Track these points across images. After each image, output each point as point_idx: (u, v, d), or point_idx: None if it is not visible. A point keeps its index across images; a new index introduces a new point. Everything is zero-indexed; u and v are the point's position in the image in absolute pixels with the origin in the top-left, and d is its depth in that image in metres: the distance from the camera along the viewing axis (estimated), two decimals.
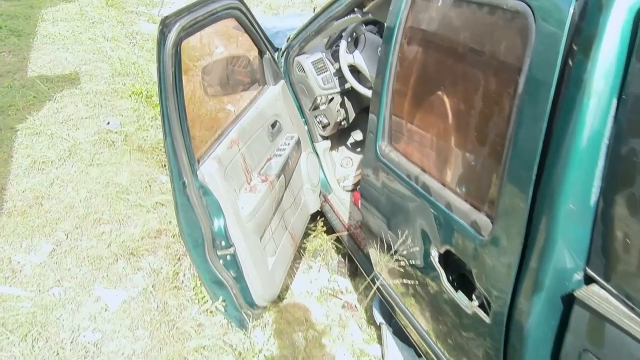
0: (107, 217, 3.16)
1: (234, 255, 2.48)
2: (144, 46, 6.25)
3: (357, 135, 3.73)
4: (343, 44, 3.06)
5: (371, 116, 2.15)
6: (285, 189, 2.98)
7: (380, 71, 2.06)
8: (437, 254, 1.73)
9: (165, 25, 2.00)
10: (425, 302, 1.98)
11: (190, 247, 2.43)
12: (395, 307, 2.38)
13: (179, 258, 3.02)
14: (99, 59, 5.55)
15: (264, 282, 2.63)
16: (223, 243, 2.43)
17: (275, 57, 3.20)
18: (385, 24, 2.02)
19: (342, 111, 3.39)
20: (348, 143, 3.91)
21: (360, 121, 3.74)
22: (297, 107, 3.42)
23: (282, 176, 2.90)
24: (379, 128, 2.08)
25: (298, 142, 3.18)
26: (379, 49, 3.08)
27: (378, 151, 2.09)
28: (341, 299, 3.45)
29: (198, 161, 2.36)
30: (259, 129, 2.88)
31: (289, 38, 3.38)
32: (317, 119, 3.44)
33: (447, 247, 1.66)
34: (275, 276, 2.77)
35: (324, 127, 3.47)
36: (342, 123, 3.45)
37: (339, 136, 3.84)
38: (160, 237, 3.11)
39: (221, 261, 2.50)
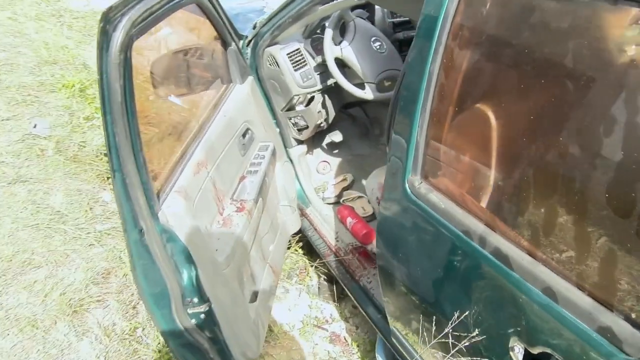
0: (40, 257, 2.50)
1: (209, 313, 1.93)
2: (72, 25, 5.41)
3: (335, 137, 3.21)
4: (328, 34, 2.51)
5: (396, 138, 1.63)
6: (262, 211, 2.44)
7: (411, 82, 1.54)
8: (521, 351, 1.24)
9: (108, 20, 1.40)
10: None
11: (152, 309, 1.86)
12: None
13: (135, 306, 2.43)
14: (20, 43, 4.72)
15: (247, 339, 2.10)
16: (195, 299, 1.88)
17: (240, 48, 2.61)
18: (421, 17, 1.49)
19: (323, 112, 2.85)
20: (324, 144, 3.38)
21: (339, 120, 3.21)
22: (267, 107, 2.85)
23: (260, 199, 2.35)
24: (409, 158, 1.57)
25: (273, 152, 2.63)
26: (372, 38, 2.54)
27: (408, 188, 1.59)
28: (327, 330, 2.96)
29: (158, 196, 1.79)
30: (229, 142, 2.31)
31: (255, 25, 2.79)
32: (292, 120, 2.89)
33: (545, 349, 1.18)
34: (259, 327, 2.25)
35: (300, 130, 2.92)
36: (322, 124, 2.92)
37: (313, 137, 3.30)
38: (109, 279, 2.50)
39: (193, 321, 1.94)
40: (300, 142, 3.06)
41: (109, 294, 2.41)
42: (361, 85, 2.59)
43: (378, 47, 2.56)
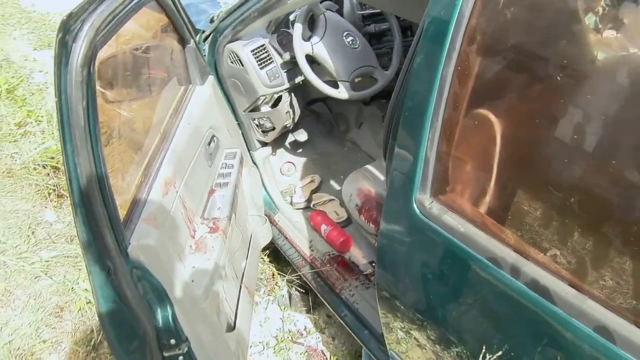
0: None
1: (188, 354, 1.70)
2: None
3: (300, 136, 3.00)
4: (297, 29, 2.28)
5: (399, 152, 1.45)
6: (234, 226, 2.22)
7: (418, 90, 1.35)
8: None
9: (67, 30, 1.13)
10: None
11: (121, 355, 1.62)
12: None
13: (95, 345, 2.14)
14: None
15: None
16: (172, 341, 1.65)
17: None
18: (427, 18, 1.30)
19: (291, 112, 2.64)
20: (287, 144, 3.17)
21: (302, 117, 3.00)
22: (229, 108, 2.61)
23: (232, 214, 2.13)
24: (416, 175, 1.39)
25: (241, 160, 2.40)
26: (344, 33, 2.35)
27: (416, 208, 1.41)
28: (303, 344, 2.78)
29: (125, 226, 1.54)
30: (196, 153, 2.06)
31: (213, 18, 2.53)
32: (256, 121, 2.66)
33: None
34: (240, 357, 2.03)
35: (265, 132, 2.70)
36: (288, 125, 2.71)
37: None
38: (62, 316, 2.20)
39: None
40: (264, 144, 2.84)
41: (64, 335, 2.12)
42: (333, 84, 2.40)
43: (351, 42, 2.37)
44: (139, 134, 1.92)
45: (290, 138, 3.10)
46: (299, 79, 2.52)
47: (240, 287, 2.23)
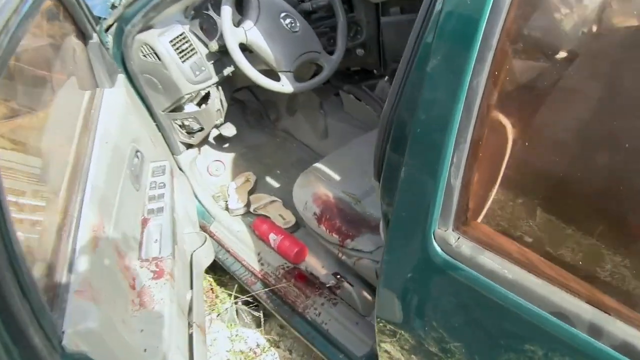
0: None
1: None
2: None
3: (226, 130, 2.62)
4: (226, 12, 1.88)
5: (409, 177, 1.16)
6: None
7: (435, 101, 1.07)
8: None
9: None
10: None
11: None
12: None
13: None
14: None
15: None
16: None
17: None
18: (442, 12, 1.01)
19: (222, 109, 2.26)
20: (212, 140, 2.78)
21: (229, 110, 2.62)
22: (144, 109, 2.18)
23: (175, 246, 1.76)
24: (436, 206, 1.12)
25: (172, 174, 2.01)
26: (281, 14, 1.99)
27: (436, 245, 1.15)
28: None
29: (52, 306, 1.15)
30: (121, 180, 1.65)
31: (114, 4, 2.06)
32: (179, 122, 2.25)
33: None
34: None
35: (191, 133, 2.30)
36: (218, 123, 2.33)
37: None
38: None
39: None
40: (189, 145, 2.44)
41: None
42: (268, 73, 2.04)
43: (289, 24, 2.01)
44: (41, 169, 1.48)
45: (215, 133, 2.71)
46: (228, 70, 2.14)
47: (191, 327, 1.88)
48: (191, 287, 1.96)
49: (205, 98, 2.20)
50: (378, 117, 2.50)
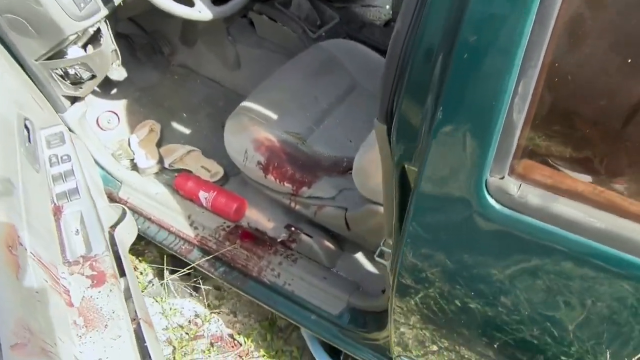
0: None
1: None
2: None
3: (116, 74, 2.13)
4: None
5: (446, 114, 0.90)
6: None
7: (493, 13, 0.80)
8: None
9: None
10: None
11: None
12: None
13: None
14: None
15: None
16: None
17: None
18: None
19: (117, 49, 1.79)
20: (95, 86, 2.27)
21: None
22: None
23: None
24: (488, 146, 0.88)
25: (72, 140, 1.56)
26: None
27: (489, 197, 0.92)
28: (204, 336, 2.21)
29: None
30: (18, 164, 1.21)
31: None
32: (59, 71, 1.76)
33: None
34: None
35: (78, 83, 1.82)
36: (114, 67, 1.87)
37: None
38: None
39: None
40: (74, 99, 1.95)
41: None
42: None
43: None
44: None
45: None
46: None
47: (135, 322, 1.53)
48: (122, 274, 1.59)
49: (93, 38, 1.71)
50: (299, 39, 2.17)
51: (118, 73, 2.15)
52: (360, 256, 1.85)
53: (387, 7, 2.50)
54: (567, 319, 0.96)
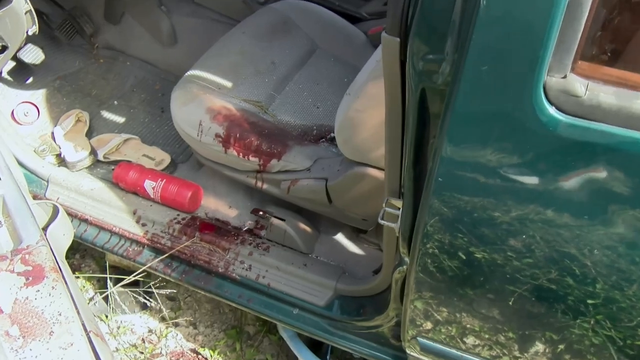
0: None
1: None
2: None
3: (30, 56, 1.81)
4: None
5: (487, 15, 0.70)
6: None
7: None
8: None
9: None
10: None
11: None
12: None
13: None
14: None
15: None
16: None
17: None
18: None
19: (32, 11, 1.48)
20: (5, 74, 1.93)
21: None
22: None
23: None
24: (550, 37, 0.68)
25: None
26: None
27: (546, 103, 0.73)
28: (162, 354, 1.90)
29: None
30: None
31: None
32: None
33: None
34: None
35: None
36: (30, 34, 1.56)
37: None
38: None
39: None
40: None
41: None
42: None
43: None
44: None
45: (10, 64, 1.88)
46: None
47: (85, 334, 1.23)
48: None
49: None
50: (243, 3, 1.94)
51: (34, 55, 1.83)
52: (340, 237, 1.63)
53: None
54: None
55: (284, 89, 1.62)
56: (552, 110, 0.73)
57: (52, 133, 1.86)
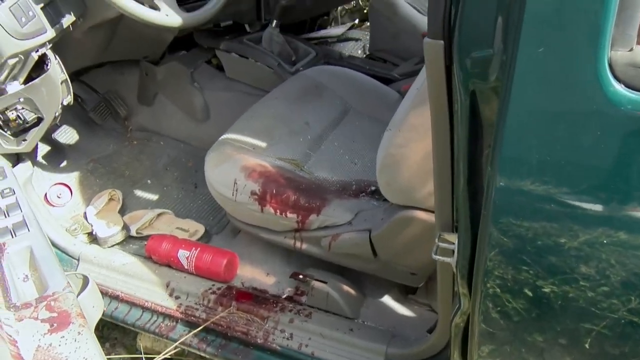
0: None
1: None
2: None
3: (65, 136, 1.83)
4: None
5: None
6: None
7: None
8: None
9: None
10: None
11: None
12: None
13: None
14: None
15: None
16: None
17: None
18: None
19: (68, 81, 1.51)
20: (40, 157, 1.94)
21: None
22: None
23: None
24: (607, 15, 0.63)
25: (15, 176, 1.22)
26: None
27: (612, 80, 0.66)
28: None
29: None
30: None
31: None
32: None
33: None
34: None
35: (21, 132, 1.50)
36: (65, 104, 1.57)
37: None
38: None
39: None
40: (17, 158, 1.62)
41: None
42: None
43: None
44: None
45: (45, 148, 1.90)
46: (68, 20, 1.41)
47: None
48: None
49: (38, 67, 1.43)
50: (275, 75, 1.96)
51: (68, 135, 1.86)
52: (387, 299, 1.51)
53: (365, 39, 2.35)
54: None
55: (320, 148, 1.58)
56: (619, 89, 0.66)
57: (85, 213, 1.84)
